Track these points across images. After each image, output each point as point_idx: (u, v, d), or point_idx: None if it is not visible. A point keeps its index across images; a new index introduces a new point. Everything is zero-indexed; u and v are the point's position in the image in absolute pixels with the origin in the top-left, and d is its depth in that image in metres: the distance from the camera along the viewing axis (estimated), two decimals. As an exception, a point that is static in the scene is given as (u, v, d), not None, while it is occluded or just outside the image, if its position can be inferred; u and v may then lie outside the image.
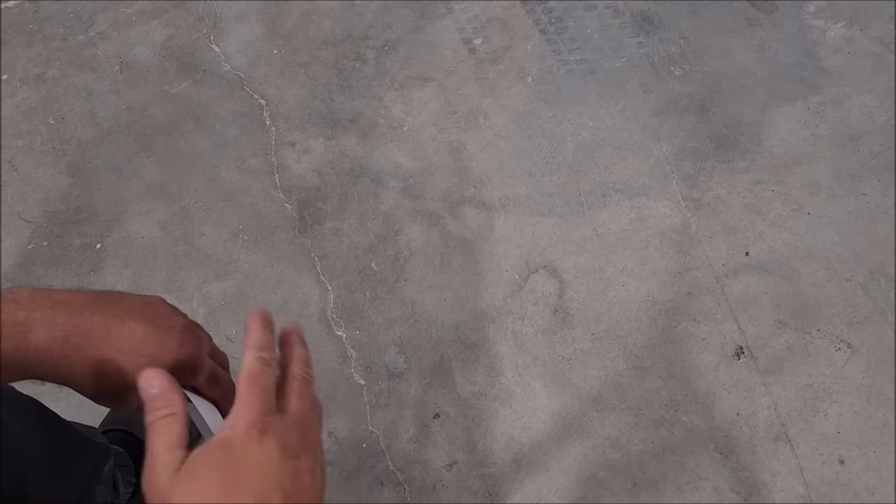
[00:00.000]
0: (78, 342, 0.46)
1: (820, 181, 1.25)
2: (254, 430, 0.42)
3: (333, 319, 1.16)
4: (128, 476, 0.92)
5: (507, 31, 1.43)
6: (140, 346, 0.47)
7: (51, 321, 0.45)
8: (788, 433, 1.05)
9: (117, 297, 0.50)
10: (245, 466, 0.41)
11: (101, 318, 0.47)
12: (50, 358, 0.45)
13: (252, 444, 0.42)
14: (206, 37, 1.44)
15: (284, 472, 0.42)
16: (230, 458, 0.41)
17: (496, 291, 1.18)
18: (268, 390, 0.45)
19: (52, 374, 0.46)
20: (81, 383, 0.47)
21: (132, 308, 0.49)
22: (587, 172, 1.27)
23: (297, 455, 0.43)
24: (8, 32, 1.46)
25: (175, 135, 1.33)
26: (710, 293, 1.16)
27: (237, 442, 0.42)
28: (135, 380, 0.46)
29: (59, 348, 0.45)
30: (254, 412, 0.43)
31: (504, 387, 1.11)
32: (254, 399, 0.44)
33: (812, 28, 1.40)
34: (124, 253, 1.22)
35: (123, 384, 0.47)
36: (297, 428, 0.45)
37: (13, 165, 1.31)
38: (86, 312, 0.47)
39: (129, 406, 0.49)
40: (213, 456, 0.41)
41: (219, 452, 0.42)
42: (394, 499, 1.03)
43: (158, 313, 0.50)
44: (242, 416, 0.43)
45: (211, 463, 0.41)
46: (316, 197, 1.27)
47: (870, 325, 1.12)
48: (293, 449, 0.43)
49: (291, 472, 0.42)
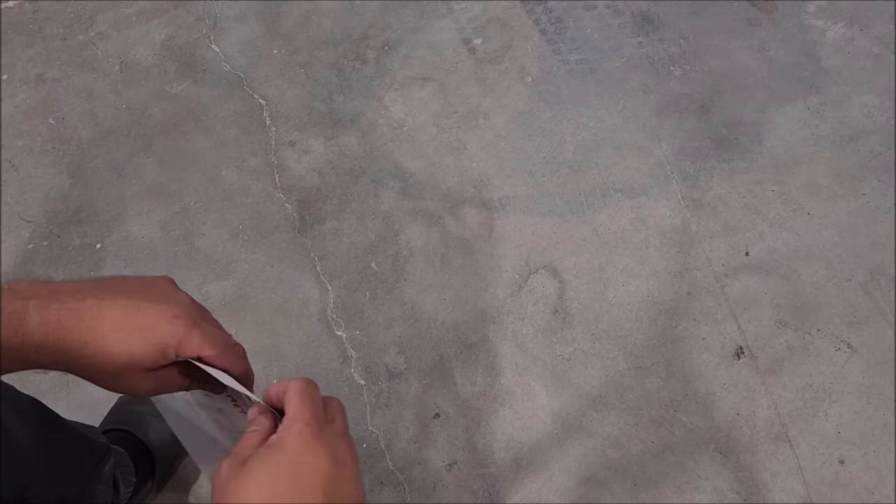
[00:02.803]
0: (71, 325, 0.46)
1: (820, 181, 1.25)
2: (307, 432, 0.44)
3: (333, 319, 1.16)
4: (128, 476, 0.92)
5: (507, 31, 1.43)
6: (132, 321, 0.47)
7: (45, 307, 0.46)
8: (788, 433, 1.06)
9: (115, 281, 0.50)
10: (297, 468, 0.43)
11: (93, 301, 0.47)
12: (45, 343, 0.46)
13: (305, 447, 0.44)
14: (206, 37, 1.44)
15: (332, 478, 0.43)
16: (283, 458, 0.43)
17: (496, 291, 1.18)
18: (318, 403, 0.47)
19: (49, 359, 0.46)
20: (79, 366, 0.47)
21: (128, 288, 0.49)
22: (587, 172, 1.27)
23: (345, 463, 0.45)
24: (8, 32, 1.46)
25: (175, 135, 1.33)
26: (710, 293, 1.16)
27: (291, 444, 0.44)
28: (132, 357, 0.47)
29: (54, 333, 0.46)
30: (307, 417, 0.45)
31: (504, 387, 1.11)
32: (306, 406, 0.46)
33: (812, 28, 1.40)
34: (124, 253, 1.22)
35: (122, 363, 0.47)
36: (345, 438, 0.47)
37: (13, 165, 1.31)
38: (79, 296, 0.47)
39: (137, 389, 0.49)
40: (267, 456, 0.43)
41: (273, 453, 0.43)
42: (394, 499, 1.03)
43: (154, 289, 0.50)
44: (297, 420, 0.45)
45: (265, 462, 0.43)
46: (316, 197, 1.27)
47: (870, 325, 1.12)
48: (342, 457, 0.45)
49: (338, 479, 0.44)
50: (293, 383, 0.48)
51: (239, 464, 0.43)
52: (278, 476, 0.42)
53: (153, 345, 0.47)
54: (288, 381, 0.49)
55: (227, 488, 0.42)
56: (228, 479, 0.42)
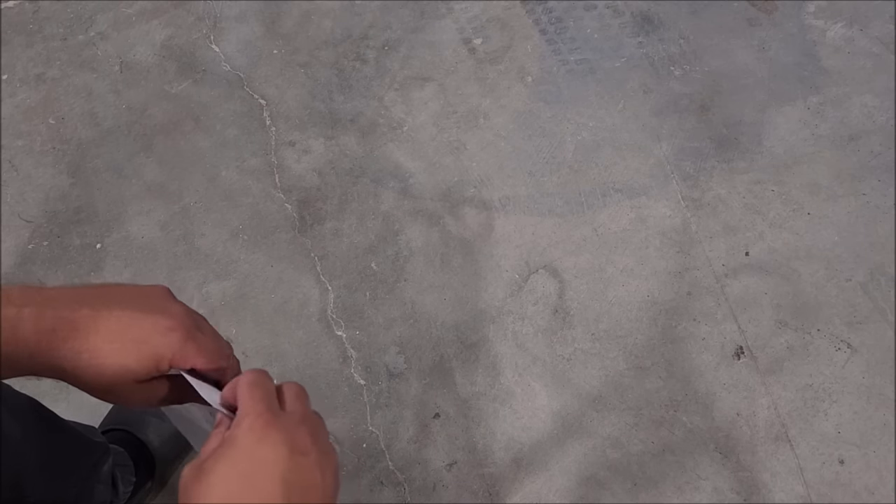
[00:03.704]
0: (65, 334, 0.45)
1: (820, 181, 1.25)
2: (257, 424, 0.43)
3: (333, 319, 1.16)
4: (127, 475, 0.92)
5: (507, 31, 1.43)
6: (127, 332, 0.46)
7: (39, 315, 0.45)
8: (788, 433, 1.05)
9: (110, 289, 0.49)
10: (250, 461, 0.42)
11: (88, 310, 0.46)
12: (39, 351, 0.45)
13: (256, 438, 0.42)
14: (206, 37, 1.44)
15: (290, 467, 0.42)
16: (237, 454, 0.42)
17: (496, 291, 1.18)
18: (269, 393, 0.46)
19: (44, 368, 0.46)
20: (74, 376, 0.46)
21: (123, 297, 0.48)
22: (587, 172, 1.27)
23: (304, 451, 0.43)
24: (8, 32, 1.46)
25: (175, 135, 1.33)
26: (710, 293, 1.16)
27: (241, 437, 0.43)
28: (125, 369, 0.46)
29: (48, 342, 0.45)
30: (257, 409, 0.44)
31: (504, 387, 1.11)
32: (256, 398, 0.45)
33: (812, 28, 1.40)
34: (124, 253, 1.22)
35: (115, 374, 0.46)
36: (304, 425, 0.45)
37: (13, 165, 1.31)
38: (74, 305, 0.46)
39: (130, 400, 0.48)
40: (221, 454, 0.42)
41: (226, 450, 0.42)
42: (394, 499, 1.03)
43: (150, 300, 0.49)
44: (248, 414, 0.43)
45: (220, 461, 0.42)
46: (316, 197, 1.27)
47: (870, 325, 1.12)
48: (301, 445, 0.43)
49: (298, 468, 0.42)
50: (241, 378, 0.46)
51: (198, 467, 0.42)
52: (233, 472, 0.41)
53: (147, 357, 0.47)
54: (238, 376, 0.48)
55: (189, 491, 0.42)
56: (189, 483, 0.42)
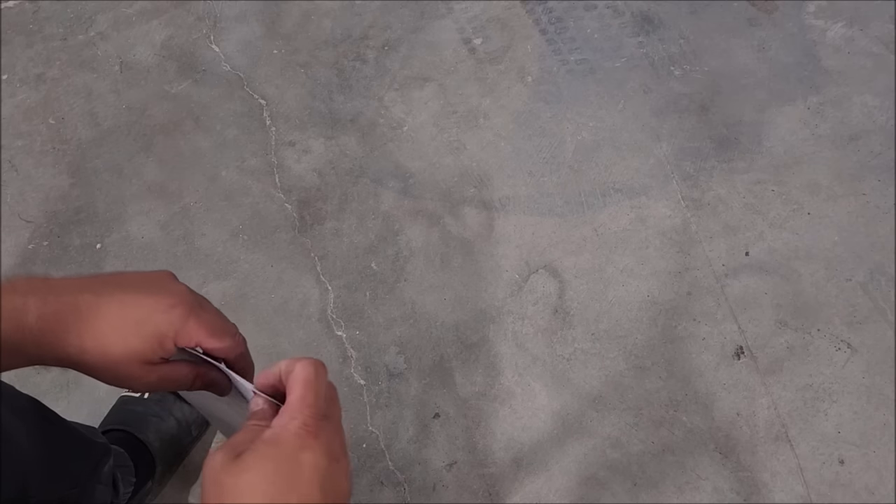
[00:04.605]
0: (69, 319, 0.46)
1: (820, 181, 1.25)
2: (306, 431, 0.44)
3: (333, 319, 1.16)
4: (128, 476, 0.92)
5: (507, 31, 1.43)
6: (129, 314, 0.47)
7: (43, 303, 0.46)
8: (788, 433, 1.05)
9: (114, 276, 0.50)
10: (294, 465, 0.42)
11: (91, 295, 0.47)
12: (44, 338, 0.46)
13: (303, 444, 0.43)
14: (206, 37, 1.44)
15: (328, 474, 0.43)
16: (280, 455, 0.43)
17: (496, 291, 1.18)
18: (320, 397, 0.46)
19: (50, 356, 0.46)
20: (81, 362, 0.47)
21: (126, 282, 0.49)
22: (587, 172, 1.27)
23: (338, 459, 0.45)
24: (8, 32, 1.46)
25: (175, 135, 1.33)
26: (710, 293, 1.16)
27: (288, 441, 0.43)
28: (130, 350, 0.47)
29: (53, 329, 0.46)
30: (309, 414, 0.44)
31: (504, 387, 1.11)
32: (307, 402, 0.45)
33: (812, 28, 1.40)
34: (124, 253, 1.22)
35: (120, 356, 0.47)
36: (339, 433, 0.46)
37: (13, 165, 1.31)
38: (76, 291, 0.47)
39: (140, 384, 0.49)
40: (264, 452, 0.43)
41: (270, 449, 0.43)
42: (394, 499, 1.03)
43: (152, 282, 0.50)
44: (297, 417, 0.44)
45: (261, 458, 0.42)
46: (316, 197, 1.27)
47: (870, 325, 1.12)
48: (336, 453, 0.45)
49: (333, 475, 0.44)
50: (300, 367, 0.47)
51: (234, 457, 0.42)
52: (275, 474, 0.42)
53: (150, 336, 0.47)
54: (295, 359, 0.48)
55: (222, 482, 0.41)
56: (222, 473, 0.42)
